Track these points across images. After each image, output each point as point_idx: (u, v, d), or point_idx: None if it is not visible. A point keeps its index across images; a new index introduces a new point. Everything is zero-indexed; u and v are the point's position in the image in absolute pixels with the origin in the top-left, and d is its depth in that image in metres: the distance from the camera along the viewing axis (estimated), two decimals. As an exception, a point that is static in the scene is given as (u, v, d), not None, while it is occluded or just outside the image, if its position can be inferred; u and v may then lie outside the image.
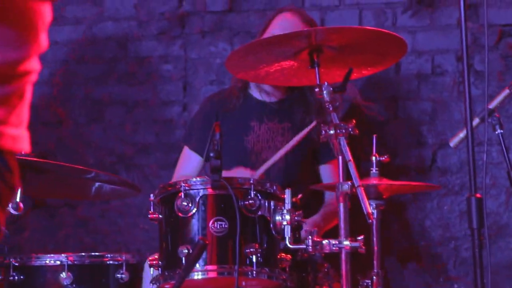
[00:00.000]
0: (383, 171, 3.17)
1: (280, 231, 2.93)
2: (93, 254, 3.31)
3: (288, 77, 3.24)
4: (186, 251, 2.85)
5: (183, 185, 2.94)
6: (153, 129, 4.40)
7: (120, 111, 4.44)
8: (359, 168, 2.90)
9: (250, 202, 2.93)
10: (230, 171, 3.52)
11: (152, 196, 3.02)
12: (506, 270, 3.98)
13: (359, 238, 2.81)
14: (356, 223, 2.91)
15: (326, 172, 3.78)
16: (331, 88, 2.92)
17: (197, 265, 2.84)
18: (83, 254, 3.27)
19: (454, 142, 3.20)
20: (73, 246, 4.30)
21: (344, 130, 2.85)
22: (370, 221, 2.73)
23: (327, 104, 2.91)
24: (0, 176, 1.51)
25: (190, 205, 2.92)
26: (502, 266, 3.98)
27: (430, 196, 4.12)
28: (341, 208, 2.84)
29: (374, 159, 3.16)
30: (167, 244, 2.98)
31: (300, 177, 3.71)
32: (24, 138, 1.55)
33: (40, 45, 1.52)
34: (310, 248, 2.86)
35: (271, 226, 2.94)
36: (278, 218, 2.93)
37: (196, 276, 2.87)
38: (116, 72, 4.42)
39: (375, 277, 3.11)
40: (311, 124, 3.50)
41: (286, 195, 2.94)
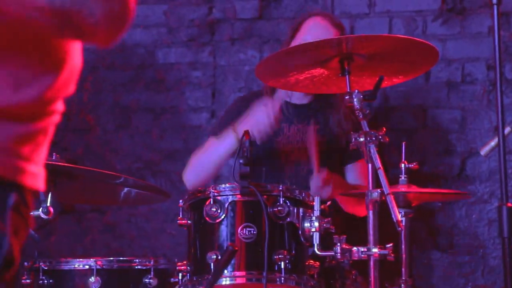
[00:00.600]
0: (412, 178, 3.18)
1: (308, 237, 2.93)
2: (121, 258, 3.32)
3: (318, 84, 3.24)
4: (215, 257, 2.86)
5: (212, 191, 2.95)
6: (180, 135, 4.42)
7: (147, 117, 4.46)
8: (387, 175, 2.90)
9: (279, 208, 2.93)
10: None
11: (181, 202, 3.04)
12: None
13: (388, 245, 2.81)
14: (385, 231, 2.90)
15: (351, 172, 3.78)
16: (361, 96, 2.92)
17: (225, 271, 2.85)
18: (112, 258, 3.28)
19: (485, 150, 3.18)
20: (100, 251, 4.32)
21: (374, 138, 2.85)
22: (399, 229, 2.72)
23: (357, 112, 2.91)
24: (19, 211, 1.52)
25: (219, 211, 2.93)
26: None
27: (459, 204, 4.10)
28: (370, 215, 2.84)
29: (403, 166, 3.17)
30: (195, 249, 2.99)
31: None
32: (42, 176, 1.58)
33: (68, 87, 1.56)
34: (338, 255, 2.85)
35: (300, 232, 2.94)
36: (307, 225, 2.93)
37: (225, 282, 2.87)
38: (144, 79, 4.45)
39: (403, 284, 3.12)
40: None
41: (315, 202, 2.94)
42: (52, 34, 1.45)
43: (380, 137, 2.85)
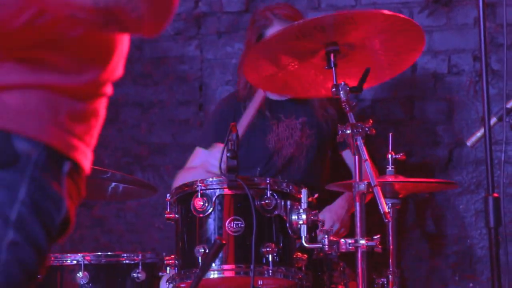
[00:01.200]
0: (399, 170, 3.19)
1: (296, 230, 2.94)
2: (109, 253, 3.32)
3: (306, 86, 3.25)
4: (203, 250, 2.87)
5: (200, 184, 2.96)
6: (169, 129, 4.42)
7: (135, 111, 4.46)
8: (376, 167, 2.91)
9: (267, 201, 2.94)
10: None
11: (168, 196, 3.05)
12: (523, 269, 3.98)
13: (376, 237, 2.82)
14: (373, 222, 2.91)
15: (349, 156, 3.76)
16: (348, 88, 2.93)
17: (213, 264, 2.86)
18: (100, 253, 3.28)
19: (471, 141, 3.19)
20: (89, 246, 4.31)
21: (360, 130, 2.86)
22: (386, 220, 2.73)
23: (344, 104, 2.92)
24: (73, 178, 1.61)
25: (207, 205, 2.93)
26: (519, 266, 3.97)
27: (446, 195, 4.11)
28: (357, 207, 2.85)
29: (390, 157, 3.17)
30: (183, 243, 2.99)
31: (318, 176, 3.73)
32: (90, 160, 1.67)
33: (116, 71, 1.66)
34: (326, 247, 2.86)
35: (287, 225, 2.95)
36: (295, 217, 2.94)
37: (213, 275, 2.88)
38: (132, 73, 4.43)
39: (390, 275, 3.12)
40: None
41: (303, 195, 2.95)
42: (98, 30, 1.53)
43: (366, 129, 2.87)
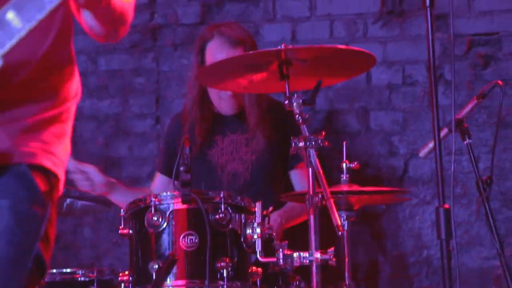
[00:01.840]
0: (355, 180, 3.18)
1: (251, 244, 2.95)
2: (64, 271, 3.30)
3: (258, 85, 3.25)
4: (157, 266, 2.86)
5: (153, 199, 2.95)
6: (125, 142, 4.40)
7: (91, 125, 4.43)
8: (330, 178, 2.91)
9: (221, 216, 2.94)
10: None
11: (122, 211, 3.03)
12: (478, 279, 4.00)
13: (329, 250, 2.82)
14: (328, 235, 2.91)
15: (296, 178, 3.77)
16: (301, 100, 2.93)
17: (167, 280, 2.85)
18: (54, 271, 3.25)
19: (423, 152, 3.22)
20: (45, 263, 4.27)
21: (314, 142, 2.86)
22: (340, 233, 2.74)
23: (297, 116, 2.91)
24: (51, 183, 1.73)
25: (161, 220, 2.93)
26: (474, 276, 3.99)
27: (402, 206, 4.13)
28: (311, 220, 2.85)
29: (344, 166, 3.16)
30: (137, 259, 2.98)
31: (268, 188, 3.71)
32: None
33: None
34: (281, 261, 2.87)
35: (242, 239, 2.96)
36: (249, 231, 2.95)
37: (167, 291, 2.89)
38: (87, 86, 4.40)
39: (345, 288, 3.12)
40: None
41: (257, 208, 2.96)
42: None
43: (319, 141, 2.86)
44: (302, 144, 2.85)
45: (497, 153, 3.38)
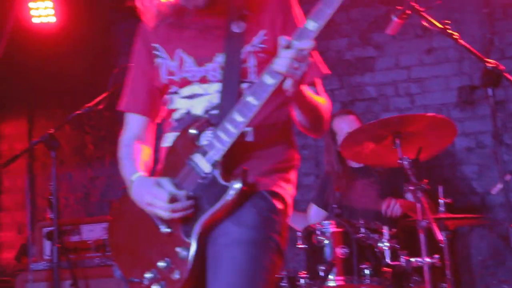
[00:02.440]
0: (449, 211, 3.10)
1: (382, 253, 2.93)
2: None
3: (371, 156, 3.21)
4: (323, 267, 2.90)
5: (318, 226, 2.99)
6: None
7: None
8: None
9: (362, 235, 2.95)
10: None
11: (299, 233, 3.04)
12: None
13: (435, 256, 2.81)
14: (433, 246, 2.88)
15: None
16: (409, 160, 2.93)
17: (331, 276, 2.88)
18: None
19: (494, 190, 3.13)
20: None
21: (420, 186, 2.85)
22: (441, 245, 2.75)
23: (408, 170, 2.91)
24: (285, 203, 1.73)
25: (324, 238, 2.96)
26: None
27: (483, 229, 3.98)
28: (422, 237, 2.83)
29: (441, 202, 3.10)
30: (310, 263, 3.00)
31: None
32: None
33: None
34: (403, 263, 2.88)
35: (376, 250, 2.95)
36: (381, 245, 2.95)
37: (330, 284, 2.89)
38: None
39: (446, 284, 3.04)
40: None
41: (385, 230, 2.96)
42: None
43: (423, 185, 2.86)
44: (412, 188, 2.85)
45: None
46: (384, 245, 2.93)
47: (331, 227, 2.97)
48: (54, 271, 3.35)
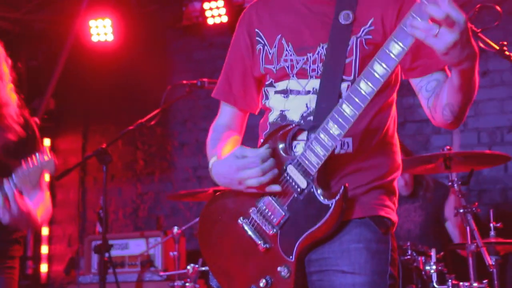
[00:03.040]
0: (499, 235, 3.04)
1: (429, 276, 2.90)
2: None
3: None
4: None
5: None
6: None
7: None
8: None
9: (408, 257, 2.93)
10: None
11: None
12: None
13: (484, 281, 2.77)
14: (483, 271, 2.85)
15: (450, 226, 3.66)
16: (460, 182, 2.90)
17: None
18: None
19: None
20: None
21: (469, 210, 2.82)
22: (490, 269, 2.69)
23: (457, 193, 2.89)
24: (387, 226, 1.62)
25: None
26: None
27: None
28: (470, 261, 2.80)
29: (491, 225, 3.04)
30: None
31: (434, 238, 3.61)
32: None
33: None
34: (450, 287, 2.82)
35: (423, 273, 2.91)
36: (428, 268, 2.91)
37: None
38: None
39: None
40: None
41: (432, 253, 2.93)
42: None
43: (474, 209, 2.84)
44: (462, 210, 2.82)
45: None
46: (432, 268, 2.89)
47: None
48: (100, 284, 3.41)
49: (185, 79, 3.71)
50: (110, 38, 4.86)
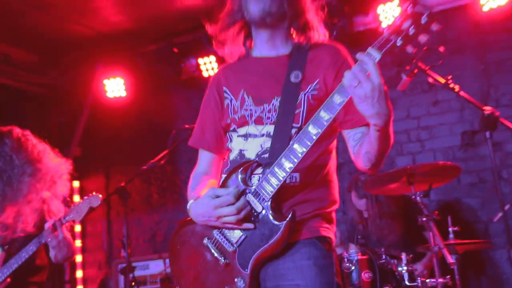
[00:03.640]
0: (457, 237, 3.06)
1: (401, 275, 2.93)
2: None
3: (395, 190, 3.22)
4: (351, 290, 2.89)
5: (346, 254, 3.00)
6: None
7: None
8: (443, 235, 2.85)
9: (383, 261, 2.96)
10: None
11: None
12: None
13: (447, 277, 2.79)
14: (445, 269, 2.85)
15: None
16: (422, 195, 2.95)
17: (357, 297, 2.86)
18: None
19: (496, 218, 3.09)
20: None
21: (431, 217, 2.84)
22: (452, 267, 2.71)
23: (420, 204, 2.91)
24: (330, 244, 1.63)
25: (351, 265, 2.98)
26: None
27: (487, 250, 3.87)
28: (434, 261, 2.83)
29: (450, 229, 3.06)
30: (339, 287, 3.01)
31: (406, 244, 3.57)
32: None
33: None
34: (419, 284, 2.86)
35: (396, 273, 2.95)
36: (400, 268, 2.94)
37: (358, 304, 2.88)
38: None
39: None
40: None
41: (403, 256, 2.96)
42: None
43: (434, 216, 2.84)
44: (425, 218, 2.85)
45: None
46: (403, 268, 2.92)
47: (357, 255, 2.98)
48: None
49: (186, 124, 3.73)
50: (123, 93, 4.94)
